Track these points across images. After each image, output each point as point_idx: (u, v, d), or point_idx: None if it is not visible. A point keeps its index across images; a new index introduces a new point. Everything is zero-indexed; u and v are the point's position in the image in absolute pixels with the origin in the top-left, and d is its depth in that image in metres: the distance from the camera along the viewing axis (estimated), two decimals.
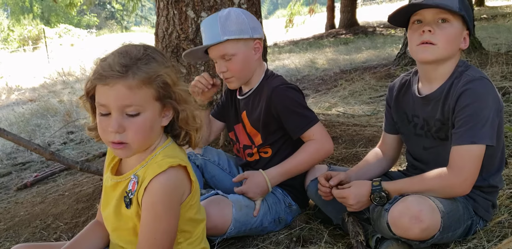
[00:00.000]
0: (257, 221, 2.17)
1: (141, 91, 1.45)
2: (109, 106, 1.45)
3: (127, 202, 1.56)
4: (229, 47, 2.20)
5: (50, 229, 2.69)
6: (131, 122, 1.46)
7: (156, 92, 1.48)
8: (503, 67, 5.49)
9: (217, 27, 2.18)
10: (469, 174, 1.78)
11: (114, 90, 1.43)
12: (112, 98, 1.44)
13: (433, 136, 1.98)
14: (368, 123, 4.22)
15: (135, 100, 1.44)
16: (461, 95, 1.80)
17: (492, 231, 1.97)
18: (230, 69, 2.24)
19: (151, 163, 1.55)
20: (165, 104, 1.52)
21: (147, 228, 1.50)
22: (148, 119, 1.48)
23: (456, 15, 1.85)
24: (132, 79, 1.43)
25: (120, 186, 1.60)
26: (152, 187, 1.48)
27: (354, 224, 2.04)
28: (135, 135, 1.48)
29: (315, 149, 2.21)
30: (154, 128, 1.53)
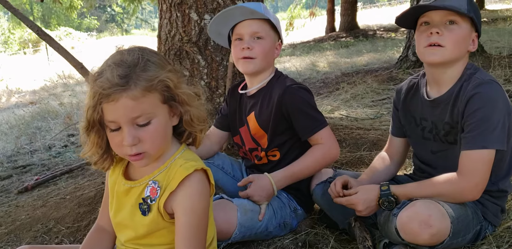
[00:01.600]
0: (262, 226, 2.14)
1: (147, 98, 1.41)
2: (118, 121, 1.41)
3: (144, 209, 1.53)
4: (265, 29, 2.23)
5: (52, 233, 2.66)
6: (144, 132, 1.43)
7: (162, 96, 1.45)
8: (506, 70, 5.48)
9: (260, 7, 2.22)
10: (480, 179, 1.76)
11: (120, 104, 1.38)
12: (120, 112, 1.39)
13: (442, 139, 1.96)
14: (372, 126, 4.19)
15: (143, 110, 1.41)
16: (471, 99, 1.78)
17: (502, 237, 1.95)
18: (255, 48, 2.21)
19: (172, 167, 1.52)
20: (172, 105, 1.49)
21: (189, 230, 1.48)
22: (160, 124, 1.45)
23: (464, 17, 1.83)
24: (134, 89, 1.38)
25: (135, 191, 1.56)
26: (187, 191, 1.48)
27: (361, 229, 2.01)
28: (152, 143, 1.45)
29: (322, 153, 2.18)
30: (167, 131, 1.51)
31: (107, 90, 1.36)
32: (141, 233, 1.56)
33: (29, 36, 36.30)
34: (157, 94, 1.43)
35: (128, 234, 1.60)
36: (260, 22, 2.22)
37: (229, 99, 2.50)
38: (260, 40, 2.22)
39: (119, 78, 1.37)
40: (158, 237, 1.56)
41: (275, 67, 2.38)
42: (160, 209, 1.50)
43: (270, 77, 2.31)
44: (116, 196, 1.62)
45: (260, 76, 2.31)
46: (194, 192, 1.48)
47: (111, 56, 1.47)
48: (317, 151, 2.19)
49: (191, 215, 1.48)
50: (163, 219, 1.52)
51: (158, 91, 1.43)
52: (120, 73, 1.37)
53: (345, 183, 2.10)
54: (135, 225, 1.56)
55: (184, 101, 1.50)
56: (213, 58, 3.09)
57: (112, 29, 53.14)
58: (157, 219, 1.52)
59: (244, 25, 2.23)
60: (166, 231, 1.55)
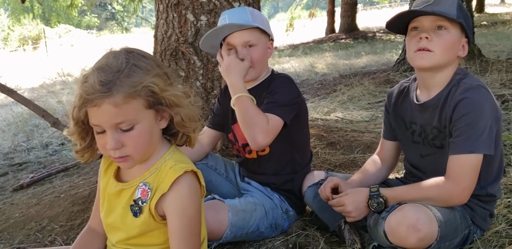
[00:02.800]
0: (253, 226, 2.16)
1: (130, 105, 1.40)
2: (102, 125, 1.42)
3: (136, 211, 1.53)
4: (255, 36, 2.23)
5: (45, 232, 2.67)
6: (127, 137, 1.43)
7: (146, 102, 1.43)
8: (503, 74, 5.50)
9: (247, 14, 2.22)
10: (467, 183, 1.78)
11: (102, 110, 1.38)
12: (103, 118, 1.40)
13: (430, 143, 1.98)
14: (367, 129, 4.21)
15: (125, 116, 1.40)
16: (458, 104, 1.79)
17: (490, 241, 1.96)
18: (251, 56, 2.23)
19: (162, 169, 1.52)
20: (158, 110, 1.48)
21: (181, 233, 1.50)
22: (144, 130, 1.45)
23: (454, 22, 1.84)
24: (116, 96, 1.37)
25: (126, 193, 1.57)
26: (178, 193, 1.48)
27: (350, 231, 2.03)
28: (134, 148, 1.45)
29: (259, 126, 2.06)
30: (153, 135, 1.50)
31: (90, 95, 1.37)
32: (133, 234, 1.56)
33: (28, 33, 36.30)
34: (141, 100, 1.42)
35: (119, 235, 1.60)
36: (250, 30, 2.22)
37: (223, 97, 2.51)
38: (252, 48, 2.23)
39: (101, 85, 1.36)
40: (149, 237, 1.57)
41: (271, 68, 2.40)
42: (151, 211, 1.50)
43: (265, 77, 2.34)
44: (107, 198, 1.62)
45: (256, 80, 2.34)
46: (184, 195, 1.49)
47: (98, 60, 1.46)
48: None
49: (183, 217, 1.49)
50: (155, 221, 1.52)
51: (142, 97, 1.41)
52: (103, 79, 1.37)
53: (335, 186, 2.12)
54: (126, 227, 1.56)
55: (173, 103, 1.48)
56: (209, 59, 3.10)
57: (112, 27, 53.13)
58: (149, 221, 1.52)
59: (234, 36, 2.23)
60: (158, 232, 1.55)
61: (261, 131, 2.03)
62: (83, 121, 1.46)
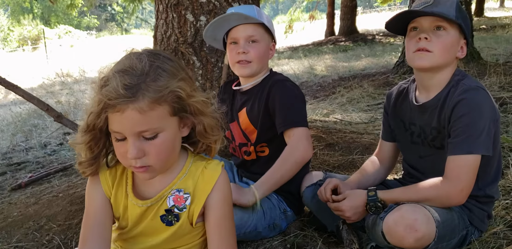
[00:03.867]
0: (251, 225, 2.16)
1: (155, 112, 1.30)
2: (123, 132, 1.32)
3: (170, 219, 1.49)
4: (259, 32, 2.26)
5: (43, 231, 2.67)
6: (150, 145, 1.33)
7: (171, 108, 1.34)
8: (501, 77, 5.51)
9: (254, 10, 2.24)
10: (465, 184, 1.78)
11: (125, 116, 1.28)
12: (126, 125, 1.30)
13: (429, 144, 1.98)
14: (365, 131, 4.21)
15: (150, 124, 1.30)
16: (457, 105, 1.80)
17: (487, 242, 1.96)
18: (251, 52, 2.25)
19: (193, 171, 1.50)
20: (182, 117, 1.39)
21: (224, 222, 1.51)
22: (168, 138, 1.36)
23: (452, 23, 1.85)
24: (142, 101, 1.26)
25: (153, 207, 1.50)
26: (219, 187, 1.49)
27: (348, 232, 2.03)
28: (157, 158, 1.36)
29: (289, 151, 2.13)
30: (175, 144, 1.42)
31: (113, 100, 1.26)
32: (161, 241, 1.53)
33: (28, 33, 36.30)
34: (166, 106, 1.32)
35: (145, 242, 1.56)
36: (255, 26, 2.25)
37: (221, 95, 2.53)
38: (255, 43, 2.25)
39: (126, 89, 1.26)
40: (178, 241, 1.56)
41: (270, 67, 2.41)
42: (192, 216, 1.49)
43: (264, 76, 2.35)
44: (130, 218, 1.54)
45: (255, 77, 2.35)
46: (225, 187, 1.51)
47: (119, 61, 1.36)
48: (285, 149, 2.15)
49: (225, 207, 1.51)
50: (190, 225, 1.51)
51: (167, 103, 1.32)
52: (127, 82, 1.27)
53: (335, 187, 2.12)
54: (155, 235, 1.53)
55: (198, 110, 1.39)
56: (208, 59, 3.10)
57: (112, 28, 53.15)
58: (184, 226, 1.50)
59: (239, 30, 2.26)
60: (187, 236, 1.55)
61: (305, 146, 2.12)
62: (101, 128, 1.36)
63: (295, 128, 2.15)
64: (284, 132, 2.18)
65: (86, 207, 1.56)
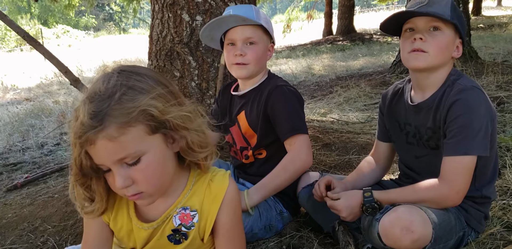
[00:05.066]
0: (247, 227, 2.14)
1: (128, 135, 1.20)
2: (105, 164, 1.24)
3: (178, 238, 1.44)
4: (257, 34, 2.22)
5: (38, 232, 2.65)
6: (135, 171, 1.25)
7: (147, 127, 1.23)
8: (499, 77, 5.50)
9: (252, 11, 2.21)
10: (461, 185, 1.77)
11: (98, 147, 1.20)
12: (102, 156, 1.22)
13: (424, 144, 1.97)
14: (362, 130, 4.20)
15: (126, 149, 1.21)
16: (453, 105, 1.79)
17: (484, 243, 1.95)
18: (249, 54, 2.22)
19: (199, 187, 1.44)
20: (165, 133, 1.28)
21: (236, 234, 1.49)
22: (153, 160, 1.26)
23: (448, 23, 1.84)
24: (110, 128, 1.17)
25: (158, 228, 1.45)
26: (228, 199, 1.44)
27: (344, 233, 2.02)
28: (147, 183, 1.28)
29: (290, 159, 2.12)
30: (166, 163, 1.32)
31: (82, 134, 1.18)
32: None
33: None
34: (141, 126, 1.22)
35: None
36: (253, 27, 2.22)
37: (220, 98, 2.51)
38: (252, 45, 2.22)
39: (90, 118, 1.17)
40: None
41: (268, 69, 2.39)
42: (204, 231, 1.45)
43: (263, 79, 2.32)
44: (138, 241, 1.49)
45: (253, 79, 2.33)
46: (233, 197, 1.46)
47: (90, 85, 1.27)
48: (286, 157, 2.14)
49: (235, 219, 1.47)
50: (201, 240, 1.47)
51: (141, 123, 1.22)
52: (91, 111, 1.18)
53: (329, 183, 2.12)
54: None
55: (178, 126, 1.28)
56: (204, 59, 3.09)
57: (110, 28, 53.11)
58: (194, 242, 1.47)
59: (237, 31, 2.23)
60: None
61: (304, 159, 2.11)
62: (92, 167, 1.27)
63: (296, 136, 2.14)
64: (285, 140, 2.18)
65: (84, 231, 1.52)
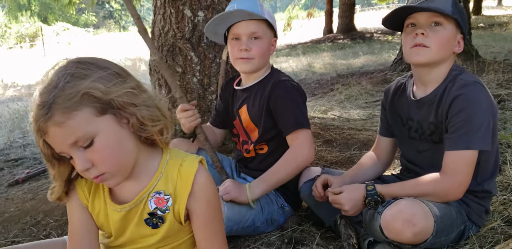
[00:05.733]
0: (249, 220, 2.16)
1: (74, 120, 1.24)
2: (63, 150, 1.28)
3: (155, 222, 1.46)
4: (262, 28, 2.23)
5: (40, 226, 2.67)
6: (92, 153, 1.28)
7: (93, 109, 1.27)
8: (499, 75, 5.51)
9: (257, 5, 2.20)
10: (463, 179, 1.78)
11: (51, 135, 1.25)
12: (57, 143, 1.27)
13: (427, 139, 1.98)
14: (363, 127, 4.22)
15: (76, 133, 1.25)
16: (455, 100, 1.80)
17: (485, 237, 1.97)
18: (254, 49, 2.23)
19: (170, 171, 1.44)
20: (115, 113, 1.31)
21: (209, 223, 1.47)
22: (107, 140, 1.30)
23: (449, 18, 1.85)
24: (56, 115, 1.22)
25: (134, 211, 1.46)
26: (200, 185, 1.43)
27: (346, 226, 2.03)
28: (106, 163, 1.31)
29: (292, 154, 2.15)
30: (122, 142, 1.35)
31: (35, 125, 1.26)
32: (153, 243, 1.51)
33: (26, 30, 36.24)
34: (86, 109, 1.26)
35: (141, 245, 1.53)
36: (257, 22, 2.22)
37: (223, 93, 2.53)
38: (257, 40, 2.23)
39: (39, 109, 1.24)
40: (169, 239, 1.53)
41: (271, 64, 2.40)
42: (178, 216, 1.45)
43: (266, 74, 2.34)
44: (112, 224, 1.50)
45: (256, 74, 2.34)
46: (206, 186, 1.44)
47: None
48: (288, 151, 2.16)
49: (209, 209, 1.46)
50: (180, 224, 1.48)
51: (86, 106, 1.25)
52: (39, 102, 1.25)
53: (325, 182, 2.13)
54: (145, 239, 1.50)
55: (125, 103, 1.31)
56: (206, 55, 3.10)
57: (110, 26, 53.07)
58: (173, 226, 1.47)
59: (241, 26, 2.23)
60: (178, 233, 1.52)
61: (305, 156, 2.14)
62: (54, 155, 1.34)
63: (299, 130, 2.15)
64: (287, 135, 2.19)
65: (68, 220, 1.54)
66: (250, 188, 2.12)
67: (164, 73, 2.28)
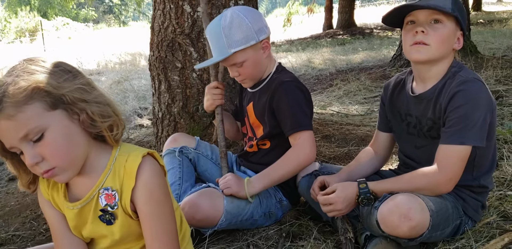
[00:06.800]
0: (247, 213, 2.18)
1: (25, 113, 1.26)
2: (12, 145, 1.30)
3: (108, 219, 1.46)
4: (238, 57, 2.20)
5: (40, 219, 2.69)
6: (42, 147, 1.30)
7: (44, 104, 1.29)
8: (498, 71, 5.52)
9: (222, 40, 2.16)
10: (454, 173, 1.81)
11: (2, 129, 1.28)
12: (7, 137, 1.29)
13: (425, 134, 2.00)
14: (362, 123, 4.23)
15: (26, 125, 1.27)
16: (454, 96, 1.81)
17: (481, 232, 1.99)
18: (242, 73, 2.26)
19: (117, 167, 1.44)
20: (67, 109, 1.34)
21: (154, 218, 1.43)
22: (57, 134, 1.31)
23: (449, 15, 1.86)
24: (6, 108, 1.24)
25: (87, 208, 1.47)
26: (142, 180, 1.41)
27: (343, 221, 2.05)
28: (56, 157, 1.32)
29: (295, 153, 2.17)
30: (72, 137, 1.36)
31: None
32: (114, 242, 1.51)
33: (25, 25, 36.17)
34: (37, 103, 1.28)
35: (103, 242, 1.54)
36: (236, 53, 2.19)
37: (240, 88, 2.58)
38: (244, 65, 2.24)
39: None
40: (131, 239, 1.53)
41: (276, 61, 2.40)
42: (127, 211, 1.44)
43: (271, 74, 2.35)
44: (70, 222, 1.52)
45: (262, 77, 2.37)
46: (150, 179, 1.42)
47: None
48: (290, 150, 2.18)
49: (151, 202, 1.43)
50: (133, 219, 1.47)
51: (37, 100, 1.28)
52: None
53: (321, 184, 2.15)
54: (105, 236, 1.51)
55: (75, 99, 1.33)
56: (205, 50, 3.10)
57: (110, 21, 52.94)
58: (128, 222, 1.47)
59: (221, 62, 2.29)
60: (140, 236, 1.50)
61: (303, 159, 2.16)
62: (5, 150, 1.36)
63: (301, 131, 2.17)
64: (289, 136, 2.21)
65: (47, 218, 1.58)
66: (249, 184, 2.14)
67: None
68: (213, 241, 2.16)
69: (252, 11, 2.27)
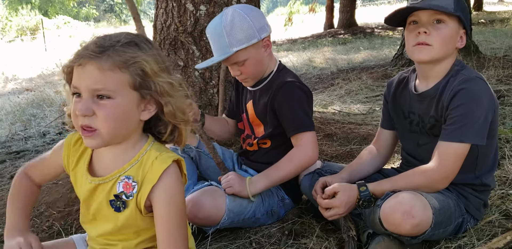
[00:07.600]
0: (250, 212, 2.19)
1: (114, 75, 1.34)
2: (80, 88, 1.35)
3: (118, 205, 1.48)
4: (240, 56, 2.19)
5: (43, 217, 2.69)
6: (100, 106, 1.35)
7: (132, 79, 1.37)
8: (499, 71, 5.52)
9: (224, 39, 2.16)
10: (451, 171, 1.84)
11: (85, 71, 1.34)
12: (83, 79, 1.35)
13: (428, 132, 2.00)
14: (364, 121, 4.23)
15: (106, 83, 1.34)
16: (456, 94, 1.82)
17: (483, 230, 2.00)
18: (243, 72, 2.26)
19: (145, 161, 1.47)
20: (145, 96, 1.41)
21: (170, 222, 1.45)
22: (120, 106, 1.37)
23: (451, 15, 1.86)
24: (105, 61, 1.33)
25: (102, 188, 1.50)
26: (166, 182, 1.44)
27: (346, 219, 2.05)
28: (104, 121, 1.36)
29: (297, 154, 2.17)
30: (128, 118, 1.42)
31: (81, 52, 1.35)
32: (115, 229, 1.52)
33: (26, 23, 36.15)
34: (127, 76, 1.36)
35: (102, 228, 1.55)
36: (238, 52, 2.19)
37: (237, 82, 2.56)
38: (246, 63, 2.24)
39: (95, 47, 1.35)
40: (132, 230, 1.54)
41: (277, 60, 2.40)
42: (139, 204, 1.46)
43: (272, 73, 2.35)
44: (81, 192, 1.55)
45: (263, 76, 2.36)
46: (172, 183, 1.46)
47: None
48: (293, 152, 2.18)
49: (171, 206, 1.45)
50: (141, 214, 1.48)
51: (129, 73, 1.36)
52: (100, 43, 1.36)
53: (323, 185, 2.15)
54: (107, 221, 1.52)
55: (164, 91, 1.41)
56: (207, 49, 3.10)
57: (111, 19, 52.91)
58: (135, 215, 1.48)
59: (223, 61, 2.28)
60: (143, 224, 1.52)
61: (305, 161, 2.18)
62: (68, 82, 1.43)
63: (303, 133, 2.17)
64: (291, 136, 2.21)
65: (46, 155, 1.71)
66: (251, 183, 2.15)
67: None
68: (215, 238, 2.17)
69: (253, 9, 2.27)
